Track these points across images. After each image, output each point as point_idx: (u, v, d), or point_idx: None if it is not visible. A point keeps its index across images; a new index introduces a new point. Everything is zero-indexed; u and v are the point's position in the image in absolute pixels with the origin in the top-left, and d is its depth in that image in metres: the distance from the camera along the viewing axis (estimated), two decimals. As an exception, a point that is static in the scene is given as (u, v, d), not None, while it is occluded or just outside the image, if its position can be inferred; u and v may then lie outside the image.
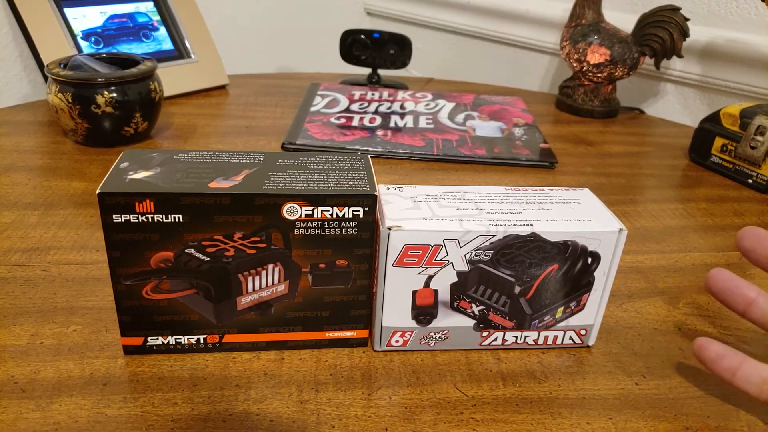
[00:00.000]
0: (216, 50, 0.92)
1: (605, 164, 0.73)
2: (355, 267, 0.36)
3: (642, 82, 0.98)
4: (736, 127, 0.70)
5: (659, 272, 0.51)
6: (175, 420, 0.33)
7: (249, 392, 0.35)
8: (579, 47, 0.87)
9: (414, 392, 0.36)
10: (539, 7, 1.06)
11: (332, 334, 0.39)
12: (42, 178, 0.60)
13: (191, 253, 0.34)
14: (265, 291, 0.36)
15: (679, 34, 0.81)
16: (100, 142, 0.68)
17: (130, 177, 0.34)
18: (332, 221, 0.35)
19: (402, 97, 0.88)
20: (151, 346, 0.37)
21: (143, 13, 0.88)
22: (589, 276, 0.38)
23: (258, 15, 1.21)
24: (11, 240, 0.49)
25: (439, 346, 0.39)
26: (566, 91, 0.92)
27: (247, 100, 0.87)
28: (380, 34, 0.91)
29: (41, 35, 0.77)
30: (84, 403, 0.34)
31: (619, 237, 0.37)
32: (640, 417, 0.35)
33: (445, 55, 1.26)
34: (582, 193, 0.41)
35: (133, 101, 0.66)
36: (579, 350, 0.41)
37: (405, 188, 0.39)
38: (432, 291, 0.37)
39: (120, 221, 0.33)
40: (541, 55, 1.10)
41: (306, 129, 0.74)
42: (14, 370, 0.36)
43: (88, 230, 0.51)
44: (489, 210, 0.37)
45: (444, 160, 0.70)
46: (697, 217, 0.61)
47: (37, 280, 0.44)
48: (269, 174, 0.35)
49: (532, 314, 0.38)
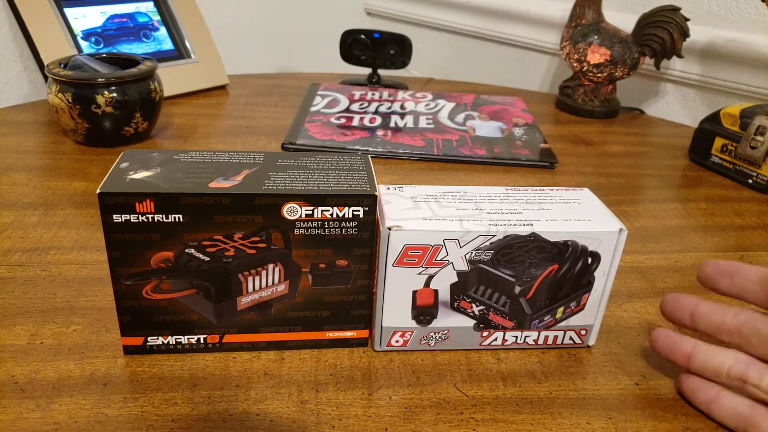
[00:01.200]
0: (216, 50, 0.92)
1: (605, 164, 0.73)
2: (355, 267, 0.36)
3: (642, 82, 0.98)
4: (736, 127, 0.70)
5: (659, 272, 0.51)
6: (175, 420, 0.33)
7: (249, 392, 0.35)
8: (579, 47, 0.87)
9: (414, 392, 0.36)
10: (539, 7, 1.06)
11: (332, 334, 0.39)
12: (42, 178, 0.60)
13: (191, 253, 0.34)
14: (265, 291, 0.36)
15: (679, 34, 0.81)
16: (100, 142, 0.68)
17: (130, 177, 0.34)
18: (332, 221, 0.35)
19: (402, 97, 0.88)
20: (151, 346, 0.37)
21: (143, 13, 0.88)
22: (589, 276, 0.38)
23: (258, 15, 1.21)
24: (11, 240, 0.49)
25: (439, 346, 0.39)
26: (566, 91, 0.92)
27: (247, 100, 0.87)
28: (380, 34, 0.91)
29: (41, 35, 0.77)
30: (84, 403, 0.34)
31: (619, 237, 0.37)
32: (640, 417, 0.35)
33: (445, 55, 1.26)
34: (582, 193, 0.41)
35: (133, 101, 0.66)
36: (579, 350, 0.41)
37: (405, 188, 0.39)
38: (432, 291, 0.37)
39: (120, 221, 0.33)
40: (541, 55, 1.10)
41: (306, 129, 0.74)
42: (14, 370, 0.36)
43: (88, 230, 0.51)
44: (489, 210, 0.37)
45: (444, 160, 0.70)
46: (697, 217, 0.61)
47: (37, 280, 0.44)
48: (269, 174, 0.35)
49: (532, 314, 0.38)
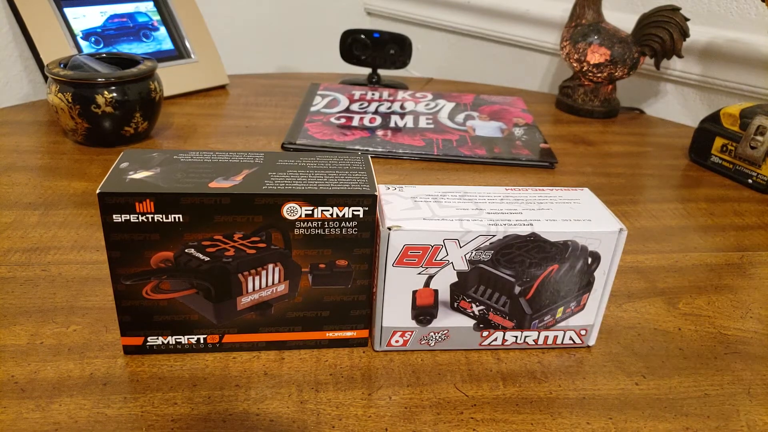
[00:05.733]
0: (216, 50, 0.92)
1: (605, 164, 0.73)
2: (355, 267, 0.36)
3: (642, 82, 0.98)
4: (736, 127, 0.70)
5: (659, 272, 0.51)
6: (175, 420, 0.33)
7: (249, 392, 0.35)
8: (579, 47, 0.87)
9: (414, 392, 0.36)
10: (539, 7, 1.06)
11: (332, 334, 0.39)
12: (42, 178, 0.60)
13: (191, 253, 0.34)
14: (265, 291, 0.36)
15: (679, 34, 0.81)
16: (100, 142, 0.68)
17: (130, 177, 0.34)
18: (332, 221, 0.35)
19: (402, 97, 0.88)
20: (151, 346, 0.37)
21: (143, 13, 0.88)
22: (589, 276, 0.38)
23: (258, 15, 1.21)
24: (11, 240, 0.49)
25: (439, 346, 0.39)
26: (566, 91, 0.92)
27: (247, 100, 0.87)
28: (380, 34, 0.91)
29: (41, 35, 0.77)
30: (84, 403, 0.34)
31: (619, 237, 0.37)
32: (640, 417, 0.35)
33: (445, 55, 1.26)
34: (582, 193, 0.41)
35: (133, 101, 0.66)
36: (579, 350, 0.41)
37: (405, 188, 0.39)
38: (432, 291, 0.37)
39: (120, 221, 0.33)
40: (541, 55, 1.10)
41: (306, 129, 0.74)
42: (14, 370, 0.36)
43: (88, 230, 0.51)
44: (489, 210, 0.37)
45: (444, 160, 0.70)
46: (697, 217, 0.61)
47: (37, 280, 0.44)
48: (269, 174, 0.35)
49: (532, 314, 0.38)
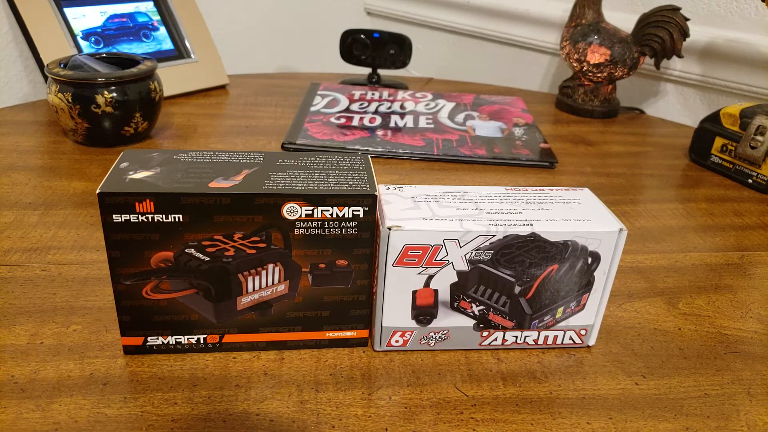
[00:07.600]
0: (216, 50, 0.92)
1: (605, 164, 0.73)
2: (355, 267, 0.36)
3: (642, 82, 0.98)
4: (736, 127, 0.70)
5: (659, 272, 0.51)
6: (175, 420, 0.33)
7: (249, 392, 0.35)
8: (579, 47, 0.87)
9: (414, 392, 0.36)
10: (539, 7, 1.06)
11: (332, 334, 0.39)
12: (42, 178, 0.60)
13: (191, 253, 0.34)
14: (265, 291, 0.36)
15: (679, 34, 0.81)
16: (100, 142, 0.68)
17: (130, 177, 0.34)
18: (332, 221, 0.35)
19: (402, 97, 0.88)
20: (151, 346, 0.37)
21: (143, 13, 0.88)
22: (589, 276, 0.38)
23: (258, 15, 1.21)
24: (11, 240, 0.49)
25: (439, 346, 0.39)
26: (566, 91, 0.92)
27: (247, 100, 0.87)
28: (380, 34, 0.91)
29: (41, 35, 0.77)
30: (84, 403, 0.34)
31: (619, 237, 0.37)
32: (640, 417, 0.35)
33: (445, 55, 1.26)
34: (582, 193, 0.41)
35: (133, 101, 0.66)
36: (579, 350, 0.41)
37: (405, 188, 0.39)
38: (432, 291, 0.37)
39: (120, 221, 0.33)
40: (541, 55, 1.10)
41: (306, 129, 0.74)
42: (14, 370, 0.36)
43: (88, 230, 0.51)
44: (489, 210, 0.37)
45: (444, 160, 0.70)
46: (697, 217, 0.61)
47: (37, 280, 0.44)
48: (269, 174, 0.35)
49: (532, 314, 0.38)
